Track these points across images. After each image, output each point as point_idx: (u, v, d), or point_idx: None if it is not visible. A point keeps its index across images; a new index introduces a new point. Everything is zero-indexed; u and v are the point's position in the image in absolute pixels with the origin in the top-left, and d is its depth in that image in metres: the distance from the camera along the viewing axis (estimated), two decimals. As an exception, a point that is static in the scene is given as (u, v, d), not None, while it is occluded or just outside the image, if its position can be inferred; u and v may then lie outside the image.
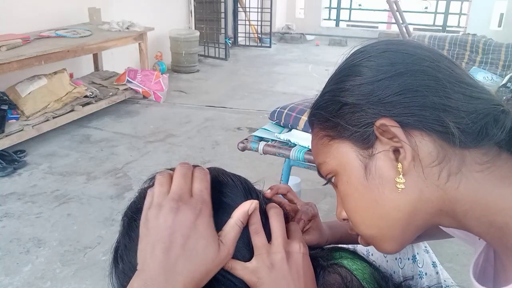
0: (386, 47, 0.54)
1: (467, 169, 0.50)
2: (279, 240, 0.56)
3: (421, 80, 0.50)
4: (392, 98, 0.50)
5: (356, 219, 0.58)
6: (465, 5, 7.31)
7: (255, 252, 0.55)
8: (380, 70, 0.52)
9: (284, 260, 0.55)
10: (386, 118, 0.50)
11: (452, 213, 0.52)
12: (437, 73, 0.51)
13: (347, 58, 0.57)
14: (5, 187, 2.60)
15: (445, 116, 0.49)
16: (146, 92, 4.15)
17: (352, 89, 0.53)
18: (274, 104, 2.31)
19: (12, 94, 3.20)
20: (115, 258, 0.57)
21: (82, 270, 1.92)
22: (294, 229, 0.60)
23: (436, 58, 0.52)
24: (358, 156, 0.54)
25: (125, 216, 0.59)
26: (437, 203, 0.51)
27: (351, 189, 0.55)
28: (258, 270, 0.54)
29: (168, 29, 5.31)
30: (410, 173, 0.51)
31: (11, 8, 3.46)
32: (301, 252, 0.57)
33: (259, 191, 0.62)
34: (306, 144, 1.54)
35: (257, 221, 0.56)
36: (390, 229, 0.55)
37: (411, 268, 0.90)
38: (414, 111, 0.49)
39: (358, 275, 0.64)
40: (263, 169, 2.79)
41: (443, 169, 0.50)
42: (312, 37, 7.85)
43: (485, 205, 0.50)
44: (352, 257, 0.68)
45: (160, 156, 3.07)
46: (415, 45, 0.54)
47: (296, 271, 0.55)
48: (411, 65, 0.51)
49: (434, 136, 0.50)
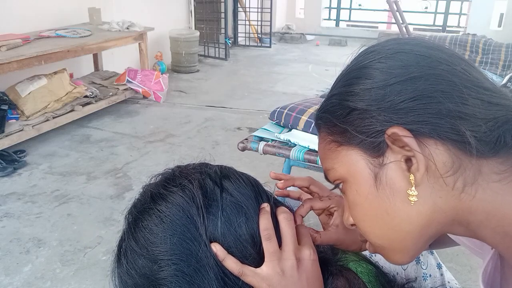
0: (399, 47, 0.51)
1: (483, 179, 0.47)
2: (290, 246, 0.56)
3: (436, 85, 0.47)
4: (404, 105, 0.47)
5: (365, 228, 0.55)
6: (465, 5, 7.31)
7: (266, 258, 0.54)
8: (392, 73, 0.48)
9: (294, 267, 0.55)
10: (398, 127, 0.47)
11: (466, 222, 0.49)
12: (453, 77, 0.47)
13: (357, 58, 0.54)
14: (5, 187, 2.60)
15: (461, 124, 0.45)
16: (146, 92, 4.15)
17: (361, 94, 0.50)
18: (274, 104, 2.31)
19: (12, 94, 3.20)
20: (119, 256, 0.57)
21: (82, 270, 1.92)
22: (303, 233, 0.60)
23: (452, 61, 0.49)
24: (368, 165, 0.51)
25: (130, 215, 0.58)
26: (451, 213, 0.49)
27: (360, 198, 0.53)
28: (269, 277, 0.53)
29: (168, 29, 5.30)
30: (423, 184, 0.48)
31: (11, 8, 3.46)
32: (311, 259, 0.56)
33: (269, 193, 0.61)
34: (306, 144, 1.54)
35: (270, 227, 0.55)
36: (401, 241, 0.52)
37: (414, 270, 0.90)
38: (428, 118, 0.46)
39: (364, 278, 0.64)
40: (263, 169, 2.79)
41: (458, 179, 0.47)
42: (312, 37, 7.85)
43: (502, 215, 0.47)
44: (358, 259, 0.68)
45: (160, 156, 3.07)
46: (429, 46, 0.50)
47: (306, 278, 0.55)
48: (426, 68, 0.48)
49: (449, 145, 0.46)
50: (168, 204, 0.55)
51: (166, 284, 0.53)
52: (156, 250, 0.53)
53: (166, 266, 0.53)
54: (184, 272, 0.52)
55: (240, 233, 0.54)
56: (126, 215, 0.58)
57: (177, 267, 0.52)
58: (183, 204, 0.54)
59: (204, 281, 0.52)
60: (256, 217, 0.56)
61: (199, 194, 0.55)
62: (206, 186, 0.56)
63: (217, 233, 0.54)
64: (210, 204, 0.55)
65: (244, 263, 0.54)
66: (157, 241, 0.54)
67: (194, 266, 0.52)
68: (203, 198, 0.54)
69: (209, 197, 0.55)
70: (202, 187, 0.56)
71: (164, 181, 0.58)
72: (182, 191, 0.55)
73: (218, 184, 0.57)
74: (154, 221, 0.55)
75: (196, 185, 0.55)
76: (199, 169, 0.59)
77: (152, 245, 0.54)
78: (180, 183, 0.56)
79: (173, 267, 0.52)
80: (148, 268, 0.54)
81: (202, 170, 0.59)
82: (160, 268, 0.53)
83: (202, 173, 0.58)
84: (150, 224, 0.55)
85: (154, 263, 0.53)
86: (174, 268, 0.52)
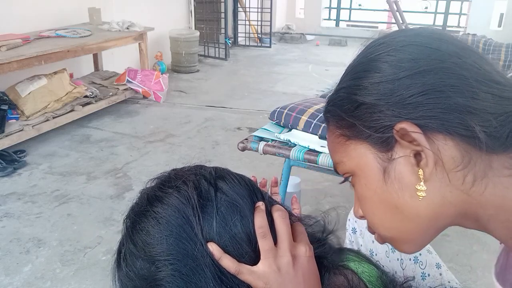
0: (409, 39, 0.50)
1: (494, 174, 0.46)
2: (285, 243, 0.56)
3: (445, 79, 0.46)
4: (413, 99, 0.46)
5: (374, 220, 0.56)
6: (465, 5, 7.31)
7: (262, 256, 0.54)
8: (401, 67, 0.48)
9: (290, 264, 0.55)
10: (407, 122, 0.46)
11: (475, 216, 0.49)
12: (463, 70, 0.46)
13: (366, 50, 0.53)
14: (5, 187, 2.60)
15: (471, 119, 0.45)
16: (146, 92, 4.15)
17: (370, 88, 0.49)
18: (274, 104, 2.31)
19: (12, 94, 3.20)
20: (118, 260, 0.57)
21: (82, 270, 1.92)
22: (299, 231, 0.60)
23: (463, 54, 0.48)
24: (376, 159, 0.51)
25: (128, 219, 0.58)
26: (461, 207, 0.49)
27: (369, 192, 0.53)
28: (265, 274, 0.53)
29: (168, 29, 5.30)
30: (432, 179, 0.48)
31: (11, 8, 3.46)
32: (306, 256, 0.56)
33: (264, 191, 0.62)
34: (306, 144, 1.54)
35: (264, 224, 0.55)
36: (409, 233, 0.53)
37: (412, 269, 0.90)
38: (437, 114, 0.46)
39: (365, 278, 0.64)
40: (263, 169, 2.79)
41: (468, 174, 0.47)
42: (312, 37, 7.85)
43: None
44: (359, 259, 0.68)
45: (160, 156, 3.07)
46: (440, 38, 0.49)
47: (302, 275, 0.55)
48: (435, 62, 0.47)
49: (459, 140, 0.46)
50: (164, 205, 0.55)
51: (164, 284, 0.53)
52: (153, 251, 0.54)
53: (163, 266, 0.53)
54: (181, 272, 0.53)
55: (235, 231, 0.55)
56: (124, 220, 0.59)
57: (174, 267, 0.53)
58: (179, 205, 0.55)
59: (201, 280, 0.53)
60: (251, 216, 0.56)
61: (194, 194, 0.55)
62: (201, 186, 0.57)
63: (213, 232, 0.54)
64: (205, 204, 0.55)
65: (241, 261, 0.54)
66: (154, 242, 0.54)
67: (190, 266, 0.53)
68: (198, 198, 0.55)
69: (204, 197, 0.56)
70: (197, 188, 0.56)
71: (160, 184, 0.59)
72: (178, 192, 0.56)
73: (213, 185, 0.57)
74: (150, 222, 0.55)
75: (191, 186, 0.56)
76: (194, 171, 0.60)
77: (149, 247, 0.54)
78: (175, 185, 0.57)
79: (170, 268, 0.53)
80: (146, 269, 0.54)
81: (197, 172, 0.59)
82: (157, 269, 0.53)
83: (197, 174, 0.59)
84: (147, 226, 0.55)
85: (151, 264, 0.54)
86: (171, 268, 0.53)
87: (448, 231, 0.58)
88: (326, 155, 1.48)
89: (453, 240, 2.08)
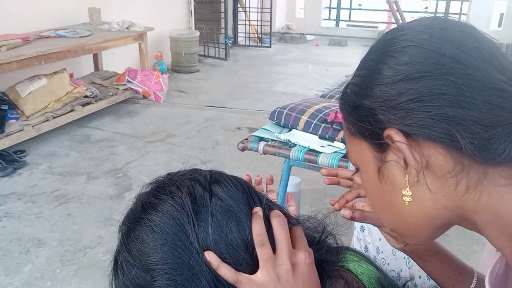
0: (413, 36, 0.48)
1: (489, 182, 0.45)
2: (284, 251, 0.55)
3: (440, 86, 0.44)
4: (405, 106, 0.46)
5: (378, 212, 0.58)
6: (465, 5, 7.31)
7: (261, 264, 0.54)
8: (399, 70, 0.47)
9: (290, 272, 0.54)
10: (394, 129, 0.46)
11: (472, 221, 0.49)
12: (461, 78, 0.44)
13: (376, 45, 0.52)
14: (5, 187, 2.60)
15: (459, 129, 0.43)
16: (146, 92, 4.15)
17: (369, 90, 0.49)
18: (274, 104, 2.31)
19: (12, 94, 3.20)
20: (115, 268, 0.57)
21: (82, 270, 1.92)
22: (298, 236, 0.59)
23: (468, 57, 0.45)
24: (373, 158, 0.51)
25: (123, 225, 0.58)
26: (456, 211, 0.49)
27: (369, 186, 0.55)
28: (264, 283, 0.53)
29: (168, 29, 5.30)
30: (418, 185, 0.48)
31: (11, 8, 3.46)
32: (306, 263, 0.56)
33: (262, 195, 0.60)
34: (306, 144, 1.54)
35: (263, 232, 0.55)
36: (407, 228, 0.54)
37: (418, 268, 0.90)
38: (426, 122, 0.45)
39: (364, 279, 0.63)
40: (263, 169, 2.79)
41: (460, 181, 0.46)
42: (312, 37, 7.85)
43: (508, 219, 0.46)
44: (359, 259, 0.67)
45: (160, 156, 3.07)
46: (448, 37, 0.47)
47: (302, 282, 0.54)
48: (432, 67, 0.45)
49: (450, 148, 0.45)
50: (158, 213, 0.54)
51: None
52: (148, 260, 0.53)
53: (158, 276, 0.52)
54: (177, 281, 0.52)
55: (231, 238, 0.54)
56: (120, 226, 0.58)
57: (170, 276, 0.52)
58: (173, 212, 0.54)
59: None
60: (248, 221, 0.55)
61: (188, 201, 0.54)
62: (195, 192, 0.55)
63: (209, 240, 0.53)
64: (199, 210, 0.54)
65: (238, 269, 0.53)
66: (149, 251, 0.53)
67: (186, 275, 0.52)
68: (192, 205, 0.54)
69: (198, 204, 0.55)
70: (191, 193, 0.55)
71: (154, 190, 0.58)
72: (172, 199, 0.55)
73: (208, 190, 0.56)
74: (145, 231, 0.54)
75: (185, 192, 0.55)
76: (188, 176, 0.59)
77: (144, 255, 0.53)
78: (169, 191, 0.56)
79: (166, 277, 0.52)
80: (142, 278, 0.53)
81: (192, 177, 0.58)
82: (153, 278, 0.53)
83: (191, 179, 0.57)
84: (141, 234, 0.54)
85: (147, 273, 0.53)
86: (167, 277, 0.52)
87: (448, 231, 0.58)
88: (326, 155, 1.48)
89: (453, 240, 2.08)
